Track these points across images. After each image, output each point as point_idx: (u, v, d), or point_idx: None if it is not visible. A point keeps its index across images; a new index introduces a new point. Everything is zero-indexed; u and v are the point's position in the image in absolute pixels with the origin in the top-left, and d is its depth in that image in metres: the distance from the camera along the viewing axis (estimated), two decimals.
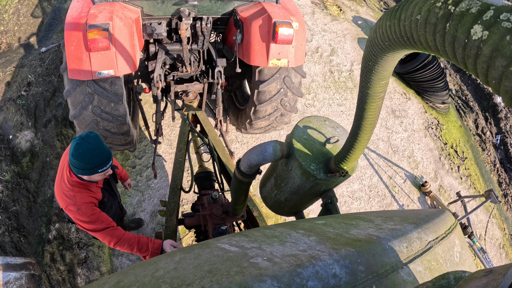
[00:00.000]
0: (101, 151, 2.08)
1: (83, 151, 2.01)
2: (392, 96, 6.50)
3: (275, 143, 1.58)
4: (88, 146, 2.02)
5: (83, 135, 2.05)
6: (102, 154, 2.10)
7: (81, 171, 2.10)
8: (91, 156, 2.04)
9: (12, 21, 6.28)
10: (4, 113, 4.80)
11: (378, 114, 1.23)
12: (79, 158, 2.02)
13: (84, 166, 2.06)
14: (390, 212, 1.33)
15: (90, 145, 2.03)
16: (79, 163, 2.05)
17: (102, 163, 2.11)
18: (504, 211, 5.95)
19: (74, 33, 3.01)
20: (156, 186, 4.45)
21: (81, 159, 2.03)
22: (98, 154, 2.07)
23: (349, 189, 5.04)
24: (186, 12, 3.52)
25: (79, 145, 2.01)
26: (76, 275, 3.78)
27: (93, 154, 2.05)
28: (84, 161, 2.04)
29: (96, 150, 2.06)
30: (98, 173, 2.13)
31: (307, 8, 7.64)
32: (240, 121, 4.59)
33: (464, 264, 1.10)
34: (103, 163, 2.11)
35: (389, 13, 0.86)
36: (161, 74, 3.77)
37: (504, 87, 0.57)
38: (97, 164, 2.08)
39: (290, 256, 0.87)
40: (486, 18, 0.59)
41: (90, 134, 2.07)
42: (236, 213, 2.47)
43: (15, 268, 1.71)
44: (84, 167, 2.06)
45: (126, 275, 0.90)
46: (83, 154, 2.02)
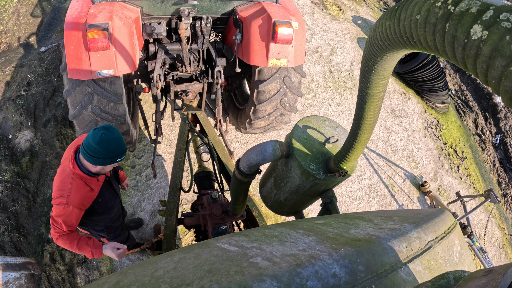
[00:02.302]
0: (121, 141, 2.18)
1: (110, 140, 2.08)
2: (391, 96, 6.50)
3: (274, 143, 1.58)
4: (113, 136, 2.10)
5: (106, 125, 2.12)
6: (122, 143, 2.19)
7: (101, 160, 2.14)
8: (116, 145, 2.12)
9: (12, 21, 6.27)
10: (4, 112, 4.79)
11: (377, 114, 1.23)
12: (105, 147, 2.08)
13: (107, 155, 2.13)
14: (390, 212, 1.33)
15: (114, 135, 2.11)
16: (104, 152, 2.11)
17: (122, 152, 2.20)
18: (504, 211, 5.95)
19: (73, 33, 3.01)
20: (156, 186, 4.45)
21: (106, 148, 2.09)
22: (121, 144, 2.17)
23: (348, 189, 5.04)
24: (186, 12, 3.52)
25: (106, 135, 2.07)
26: (76, 275, 3.78)
27: (118, 144, 2.13)
28: (108, 150, 2.11)
29: (120, 140, 2.15)
30: (116, 163, 2.21)
31: (307, 8, 7.63)
32: (239, 121, 4.59)
33: (464, 264, 1.10)
34: (123, 153, 2.20)
35: (389, 12, 0.86)
36: (160, 74, 3.76)
37: (503, 87, 0.57)
38: (119, 153, 2.17)
39: (290, 255, 0.87)
40: (486, 18, 0.59)
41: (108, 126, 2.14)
42: (235, 213, 2.47)
43: (14, 268, 1.71)
44: (107, 155, 2.13)
45: (125, 275, 0.90)
46: (110, 143, 2.09)
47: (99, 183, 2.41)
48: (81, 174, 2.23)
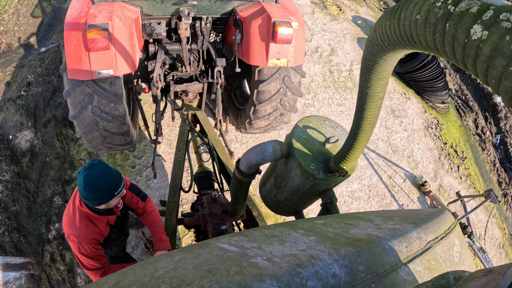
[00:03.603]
0: (110, 173, 2.00)
1: (95, 180, 1.93)
2: (391, 96, 6.50)
3: (274, 143, 1.58)
4: (96, 174, 1.94)
5: (87, 165, 1.97)
6: (113, 175, 2.01)
7: (99, 201, 2.02)
8: (104, 181, 1.96)
9: (12, 21, 6.28)
10: (4, 113, 4.79)
11: (377, 114, 1.23)
12: (93, 189, 1.94)
13: (100, 195, 1.98)
14: (390, 212, 1.33)
15: (98, 172, 1.94)
16: (95, 194, 1.97)
17: (116, 184, 2.03)
18: (504, 211, 5.95)
19: (73, 33, 3.01)
20: (156, 186, 4.45)
21: (95, 189, 1.95)
22: (110, 178, 1.99)
23: (348, 189, 5.04)
24: (186, 12, 3.52)
25: (89, 176, 1.93)
26: (76, 275, 3.78)
27: (106, 179, 1.97)
28: (99, 189, 1.96)
29: (106, 174, 1.97)
30: (115, 196, 2.06)
31: (307, 8, 7.63)
32: (239, 121, 4.59)
33: (464, 264, 1.10)
34: (117, 184, 2.04)
35: (389, 12, 0.86)
36: (160, 74, 3.76)
37: (503, 87, 0.57)
38: (113, 187, 2.01)
39: (290, 255, 0.87)
40: (486, 18, 0.59)
41: (94, 161, 1.99)
42: (235, 213, 2.47)
43: (14, 268, 1.71)
44: (101, 195, 1.98)
45: (125, 275, 0.90)
46: (96, 183, 1.93)
47: (110, 223, 2.31)
48: (89, 212, 2.14)
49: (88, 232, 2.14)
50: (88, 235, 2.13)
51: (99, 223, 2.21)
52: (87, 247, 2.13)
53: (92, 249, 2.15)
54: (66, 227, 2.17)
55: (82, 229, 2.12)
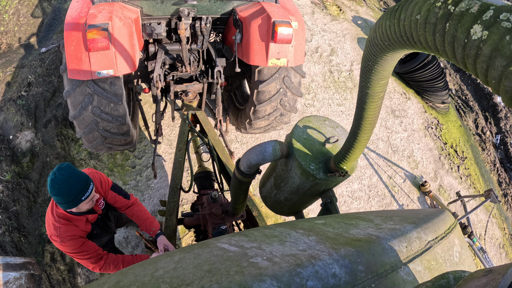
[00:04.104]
0: (76, 178, 2.00)
1: (59, 184, 1.95)
2: (391, 96, 6.50)
3: (274, 143, 1.58)
4: (61, 178, 1.95)
5: (55, 169, 1.98)
6: (79, 180, 2.01)
7: (66, 205, 2.03)
8: (68, 186, 1.96)
9: (12, 22, 6.28)
10: (5, 113, 4.80)
11: (377, 114, 1.23)
12: (58, 193, 1.96)
13: (66, 199, 2.00)
14: (390, 212, 1.33)
15: (63, 176, 1.95)
16: (61, 198, 1.99)
17: (82, 189, 2.02)
18: (504, 211, 5.95)
19: (73, 33, 3.01)
20: (156, 186, 4.45)
21: (60, 193, 1.96)
22: (74, 182, 1.99)
23: (348, 189, 5.04)
24: (186, 12, 3.52)
25: (54, 180, 1.95)
26: (76, 275, 3.78)
27: (70, 183, 1.97)
28: (64, 194, 1.97)
29: (71, 179, 1.97)
30: (83, 201, 2.05)
31: (307, 8, 7.63)
32: (239, 121, 4.59)
33: (464, 264, 1.10)
34: (83, 189, 2.03)
35: (389, 13, 0.86)
36: (160, 74, 3.76)
37: (503, 87, 0.57)
38: (78, 192, 2.01)
39: (290, 255, 0.87)
40: (486, 18, 0.59)
41: (61, 165, 2.00)
42: (235, 213, 2.47)
43: (14, 268, 1.71)
44: (67, 200, 2.00)
45: (125, 275, 0.90)
46: (60, 187, 1.95)
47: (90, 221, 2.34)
48: (66, 214, 2.17)
49: (68, 230, 2.17)
50: (68, 233, 2.17)
51: (78, 223, 2.23)
52: (70, 242, 2.16)
53: (75, 243, 2.19)
54: (48, 229, 2.20)
55: (62, 228, 2.15)
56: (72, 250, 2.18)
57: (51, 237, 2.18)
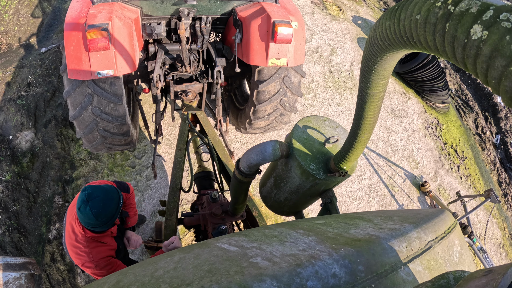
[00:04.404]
0: (111, 194, 1.99)
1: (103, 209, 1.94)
2: (391, 96, 6.50)
3: (274, 143, 1.58)
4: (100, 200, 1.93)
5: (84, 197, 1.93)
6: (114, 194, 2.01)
7: (100, 228, 2.03)
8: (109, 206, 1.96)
9: (12, 22, 6.28)
10: (5, 113, 4.79)
11: (377, 114, 1.22)
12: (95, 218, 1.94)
13: (102, 223, 1.99)
14: (390, 212, 1.33)
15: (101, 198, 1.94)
16: (97, 223, 1.97)
17: (118, 202, 2.04)
18: (504, 211, 5.95)
19: (73, 33, 3.01)
20: (156, 186, 4.45)
21: (98, 218, 1.94)
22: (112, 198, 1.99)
23: (348, 189, 5.04)
24: (185, 12, 3.52)
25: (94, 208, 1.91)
26: (76, 275, 3.78)
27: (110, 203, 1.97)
28: (108, 216, 1.97)
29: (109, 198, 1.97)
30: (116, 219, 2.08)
31: (307, 8, 7.63)
32: (239, 121, 4.59)
33: (464, 264, 1.10)
34: (116, 210, 2.04)
35: (389, 13, 0.86)
36: (160, 74, 3.76)
37: (503, 87, 0.57)
38: (117, 207, 2.02)
39: (290, 255, 0.87)
40: (486, 18, 0.59)
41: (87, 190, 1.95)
42: (235, 213, 2.47)
43: (14, 268, 1.71)
44: (103, 223, 1.99)
45: (125, 275, 0.90)
46: (98, 214, 1.93)
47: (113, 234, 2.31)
48: (93, 235, 2.12)
49: (99, 252, 2.13)
50: (101, 255, 2.12)
51: (106, 239, 2.20)
52: (104, 264, 2.12)
53: (109, 265, 2.15)
54: (76, 259, 2.14)
55: (93, 252, 2.10)
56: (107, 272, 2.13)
57: (83, 265, 2.12)
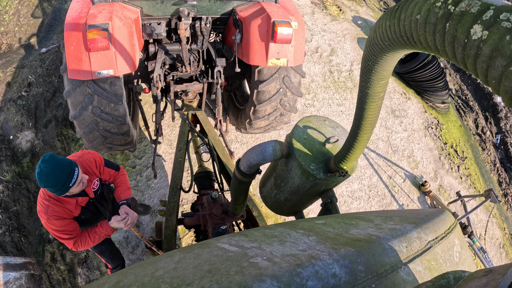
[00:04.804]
0: (60, 167, 2.07)
1: (46, 177, 2.03)
2: (391, 96, 6.50)
3: (274, 143, 1.58)
4: (46, 171, 2.03)
5: (39, 162, 2.06)
6: (63, 169, 2.08)
7: (57, 193, 2.13)
8: (53, 177, 2.04)
9: (13, 22, 6.28)
10: (5, 113, 4.80)
11: (378, 114, 1.22)
12: (46, 184, 2.05)
13: (55, 189, 2.09)
14: (390, 212, 1.33)
15: (48, 169, 2.03)
16: (50, 189, 2.09)
17: (68, 177, 2.09)
18: (504, 211, 5.95)
19: (73, 33, 3.01)
20: (156, 186, 4.45)
21: (48, 184, 2.05)
22: (59, 172, 2.06)
23: (348, 189, 5.04)
24: (186, 12, 3.52)
25: (40, 174, 2.03)
26: (76, 275, 3.78)
27: (55, 174, 2.04)
28: (51, 185, 2.06)
29: (55, 169, 2.04)
30: (71, 187, 2.13)
31: (307, 8, 7.63)
32: (239, 121, 4.59)
33: (464, 264, 1.10)
34: (68, 176, 2.09)
35: (389, 13, 0.86)
36: (160, 74, 3.76)
37: (504, 87, 0.57)
38: (64, 180, 2.08)
39: (290, 255, 0.87)
40: (486, 18, 0.59)
41: (44, 157, 2.07)
42: (235, 213, 2.47)
43: (14, 268, 1.71)
44: (56, 189, 2.09)
45: (126, 275, 0.90)
46: (47, 179, 2.03)
47: (79, 204, 2.41)
48: (53, 195, 2.25)
49: (55, 210, 2.26)
50: (55, 212, 2.26)
51: (67, 205, 2.32)
52: (56, 221, 2.26)
53: (61, 223, 2.28)
54: (38, 206, 2.31)
55: (50, 207, 2.24)
56: (55, 229, 2.27)
57: (39, 213, 2.28)
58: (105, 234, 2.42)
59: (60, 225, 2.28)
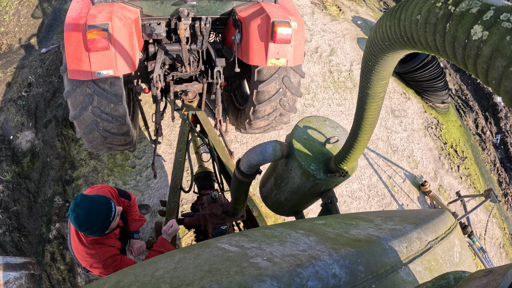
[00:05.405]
0: (98, 206, 1.98)
1: (86, 220, 1.93)
2: (391, 96, 6.50)
3: (275, 143, 1.58)
4: (84, 212, 1.93)
5: (72, 205, 1.95)
6: (101, 207, 2.00)
7: (98, 233, 2.04)
8: (94, 217, 1.95)
9: (13, 22, 6.28)
10: (5, 113, 4.79)
11: (378, 114, 1.22)
12: (87, 227, 1.96)
13: (96, 229, 1.99)
14: (390, 212, 1.33)
15: (85, 210, 1.93)
16: (90, 231, 1.99)
17: (107, 214, 2.02)
18: (504, 211, 5.95)
19: (73, 34, 3.01)
20: (156, 186, 4.45)
21: (89, 227, 1.96)
22: (98, 211, 1.98)
23: (348, 189, 5.04)
24: (185, 12, 3.52)
25: (78, 218, 1.92)
26: (76, 275, 3.78)
27: (95, 215, 1.96)
28: (93, 226, 1.96)
29: (94, 210, 1.95)
30: (111, 221, 2.06)
31: (307, 8, 7.63)
32: (239, 121, 4.59)
33: (464, 264, 1.10)
34: (107, 213, 2.02)
35: (389, 13, 0.86)
36: (160, 74, 3.77)
37: (504, 87, 0.57)
38: (104, 219, 2.01)
39: (290, 256, 0.87)
40: (486, 18, 0.59)
41: (76, 200, 1.96)
42: (236, 213, 2.47)
43: (14, 268, 1.71)
44: (97, 229, 1.99)
45: (126, 275, 0.90)
46: (88, 222, 1.93)
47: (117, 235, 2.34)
48: (96, 239, 2.15)
49: (105, 252, 2.15)
50: (107, 254, 2.15)
51: (109, 241, 2.22)
52: (111, 263, 2.15)
53: (116, 263, 2.17)
54: (84, 261, 2.16)
55: (99, 253, 2.12)
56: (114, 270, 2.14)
57: (91, 267, 2.15)
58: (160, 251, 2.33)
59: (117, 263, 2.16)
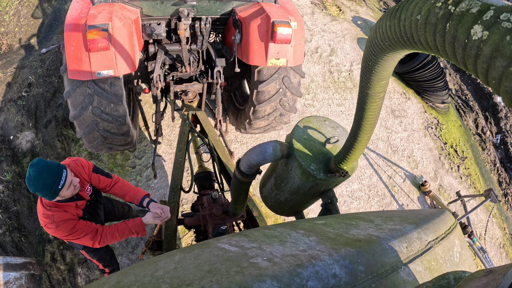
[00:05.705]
0: (47, 170, 2.07)
1: (34, 180, 2.04)
2: (391, 96, 6.50)
3: (275, 143, 1.58)
4: (34, 174, 2.04)
5: (28, 167, 2.08)
6: (50, 172, 2.08)
7: (48, 197, 2.14)
8: (42, 180, 2.05)
9: (13, 22, 6.28)
10: (5, 113, 4.80)
11: (378, 114, 1.22)
12: (35, 188, 2.06)
13: (45, 192, 2.09)
14: (390, 212, 1.33)
15: (35, 172, 2.04)
16: (40, 192, 2.10)
17: (55, 179, 2.09)
18: (504, 211, 5.95)
19: (73, 34, 3.01)
20: (156, 186, 4.45)
21: (38, 188, 2.06)
22: (46, 175, 2.06)
23: (348, 189, 5.04)
24: (185, 13, 3.52)
25: (29, 178, 2.05)
26: (76, 275, 3.78)
27: (43, 177, 2.05)
28: (41, 188, 2.06)
29: (43, 173, 2.05)
30: (61, 189, 2.13)
31: (307, 9, 7.64)
32: (239, 121, 4.59)
33: (464, 264, 1.10)
34: (56, 178, 2.09)
35: (389, 13, 0.86)
36: (160, 74, 3.77)
37: (504, 87, 0.57)
38: (53, 183, 2.08)
39: (290, 256, 0.87)
40: (486, 18, 0.59)
41: (32, 162, 2.08)
42: (236, 213, 2.47)
43: (15, 268, 1.71)
44: (46, 192, 2.09)
45: (126, 275, 0.90)
46: (36, 183, 2.04)
47: (79, 207, 2.42)
48: (55, 203, 2.26)
49: (60, 216, 2.26)
50: (61, 217, 2.26)
51: (68, 209, 2.32)
52: (65, 225, 2.26)
53: (70, 225, 2.28)
54: (41, 220, 2.30)
55: (55, 215, 2.24)
56: (67, 232, 2.26)
57: (45, 226, 2.27)
58: (135, 230, 2.43)
59: (70, 227, 2.27)
